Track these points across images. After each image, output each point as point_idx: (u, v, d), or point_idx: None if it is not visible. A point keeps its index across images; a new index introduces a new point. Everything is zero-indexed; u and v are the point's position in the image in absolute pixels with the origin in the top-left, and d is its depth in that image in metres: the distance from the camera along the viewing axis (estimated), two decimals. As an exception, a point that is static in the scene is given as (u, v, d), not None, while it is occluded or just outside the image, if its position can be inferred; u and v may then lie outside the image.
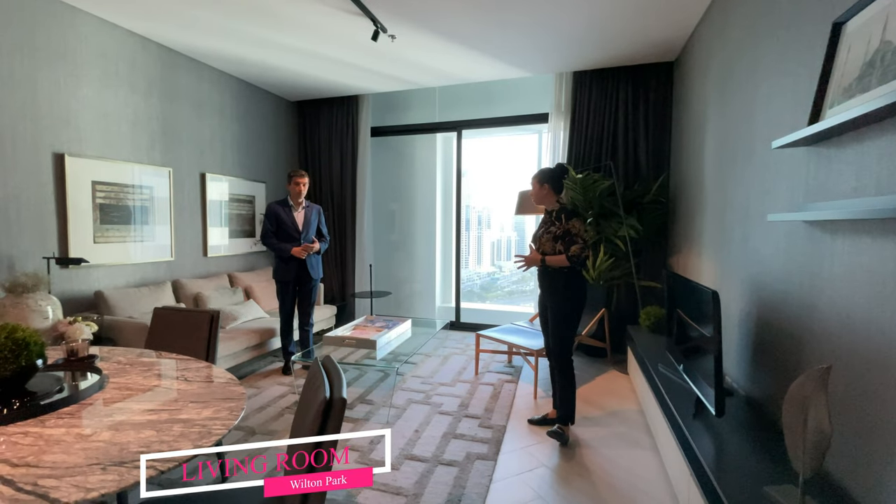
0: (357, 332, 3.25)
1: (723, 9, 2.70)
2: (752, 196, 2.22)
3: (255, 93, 4.57)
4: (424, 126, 4.97)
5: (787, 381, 1.79)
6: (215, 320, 2.07)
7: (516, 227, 6.72)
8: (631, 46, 3.63)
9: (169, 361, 1.78)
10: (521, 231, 6.65)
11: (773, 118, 2.01)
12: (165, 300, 3.40)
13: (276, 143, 4.89)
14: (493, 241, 6.73)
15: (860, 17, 1.35)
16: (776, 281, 1.93)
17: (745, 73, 2.33)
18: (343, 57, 3.82)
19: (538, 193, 2.54)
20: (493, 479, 2.15)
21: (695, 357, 2.17)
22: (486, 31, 3.33)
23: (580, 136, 4.17)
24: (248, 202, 4.50)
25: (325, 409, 1.07)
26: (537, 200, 2.57)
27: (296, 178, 3.42)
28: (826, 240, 1.57)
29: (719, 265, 2.65)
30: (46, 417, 1.24)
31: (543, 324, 2.64)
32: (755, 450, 1.68)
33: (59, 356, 1.69)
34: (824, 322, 1.56)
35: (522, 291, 6.43)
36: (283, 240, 3.42)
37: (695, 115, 3.26)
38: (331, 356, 1.44)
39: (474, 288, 6.23)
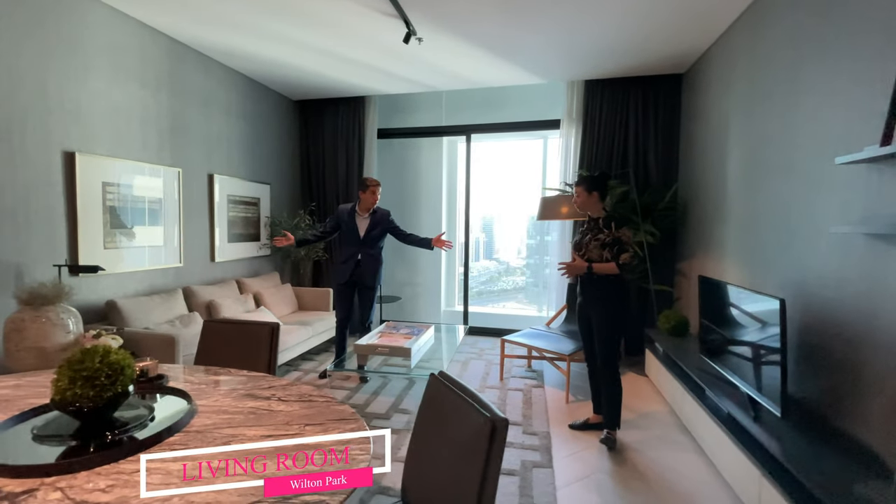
0: (385, 340, 3.17)
1: (751, 28, 2.83)
2: (792, 209, 2.34)
3: (259, 90, 4.38)
4: (433, 129, 4.94)
5: (844, 383, 1.91)
6: (275, 333, 1.97)
7: (485, 227, 6.77)
8: (644, 59, 3.76)
9: (241, 378, 1.67)
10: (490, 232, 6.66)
11: (819, 135, 2.13)
12: (178, 309, 3.20)
13: (279, 143, 4.72)
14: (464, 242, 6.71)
15: (942, 47, 1.46)
16: (826, 289, 2.04)
17: (782, 90, 2.45)
18: (359, 56, 3.73)
19: (587, 201, 2.55)
20: (556, 487, 2.16)
21: (746, 360, 2.26)
22: (513, 36, 3.35)
23: (592, 143, 4.27)
24: (254, 204, 4.30)
25: (490, 432, 1.04)
26: (584, 207, 2.59)
27: (372, 186, 3.40)
28: (891, 251, 1.68)
29: (749, 271, 2.77)
30: (157, 449, 1.13)
31: (585, 331, 2.68)
32: (824, 450, 1.77)
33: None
34: (889, 326, 1.66)
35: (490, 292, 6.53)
36: (345, 244, 3.51)
37: (713, 127, 3.41)
38: (444, 371, 1.40)
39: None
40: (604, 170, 2.88)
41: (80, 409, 1.16)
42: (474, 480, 1.03)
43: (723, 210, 3.21)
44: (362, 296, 3.55)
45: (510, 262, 6.64)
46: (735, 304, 2.39)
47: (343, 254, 3.50)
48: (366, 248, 3.45)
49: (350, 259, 3.45)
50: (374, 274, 3.49)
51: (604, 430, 2.55)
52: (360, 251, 3.45)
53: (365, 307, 3.56)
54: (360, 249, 3.45)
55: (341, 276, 3.49)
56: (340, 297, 3.54)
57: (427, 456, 1.26)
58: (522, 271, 6.39)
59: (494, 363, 3.94)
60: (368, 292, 3.52)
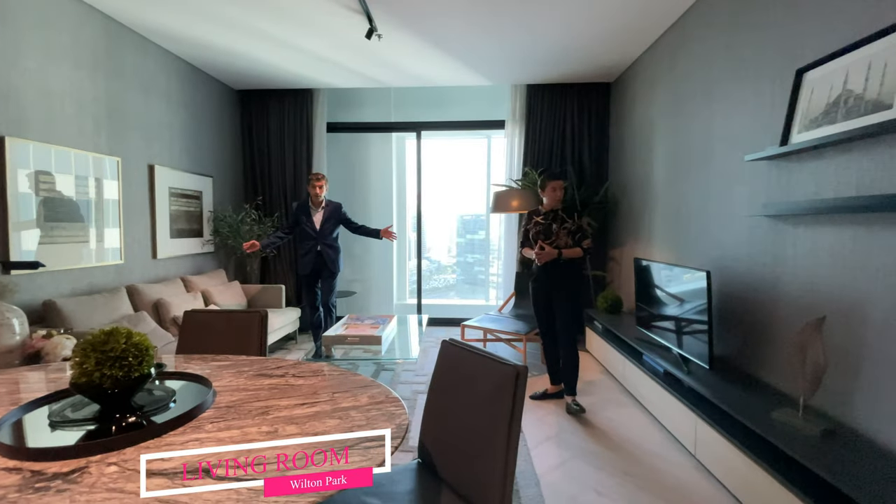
0: (352, 331, 3.23)
1: (673, 45, 3.30)
2: (710, 198, 2.81)
3: (200, 78, 4.15)
4: (384, 125, 5.00)
5: (757, 338, 2.37)
6: (265, 321, 1.98)
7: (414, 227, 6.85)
8: (579, 67, 4.17)
9: (244, 361, 1.69)
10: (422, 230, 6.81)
11: (731, 137, 2.59)
12: (123, 309, 2.98)
13: (221, 134, 4.49)
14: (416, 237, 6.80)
15: (821, 69, 1.90)
16: (739, 262, 2.50)
17: (701, 99, 2.92)
18: (312, 47, 3.70)
19: (561, 195, 2.84)
20: (529, 447, 2.41)
21: (678, 325, 2.68)
22: (469, 38, 3.55)
23: (534, 142, 4.63)
24: (196, 198, 4.08)
25: (515, 378, 1.23)
26: (558, 202, 2.86)
27: (313, 181, 3.66)
28: (788, 230, 2.13)
29: (676, 252, 3.25)
30: (198, 424, 1.15)
31: (544, 312, 2.97)
32: (745, 392, 2.19)
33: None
34: (789, 289, 2.12)
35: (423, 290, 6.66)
36: (304, 238, 3.71)
37: (640, 131, 3.90)
38: (454, 339, 1.56)
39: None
40: (549, 167, 3.20)
41: (105, 391, 1.15)
42: (504, 418, 1.21)
43: (650, 202, 3.69)
44: (325, 281, 3.80)
45: (441, 260, 6.84)
46: (668, 279, 2.81)
47: (303, 247, 3.72)
48: (322, 239, 3.70)
49: (310, 251, 3.69)
50: (334, 261, 3.76)
51: (567, 398, 2.87)
52: (318, 242, 3.69)
53: (328, 291, 3.82)
54: (318, 241, 3.69)
55: (304, 268, 3.73)
56: (307, 288, 3.82)
57: (449, 412, 1.41)
58: (453, 269, 6.62)
59: (452, 349, 4.13)
60: (331, 278, 3.79)
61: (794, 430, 1.75)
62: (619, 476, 2.13)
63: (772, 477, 1.66)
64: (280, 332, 3.99)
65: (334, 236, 3.76)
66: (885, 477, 1.43)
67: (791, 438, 1.69)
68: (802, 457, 1.57)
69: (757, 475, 1.75)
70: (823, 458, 1.54)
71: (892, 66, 1.56)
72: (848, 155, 1.80)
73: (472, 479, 1.27)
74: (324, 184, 3.67)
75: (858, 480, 1.41)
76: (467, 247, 6.26)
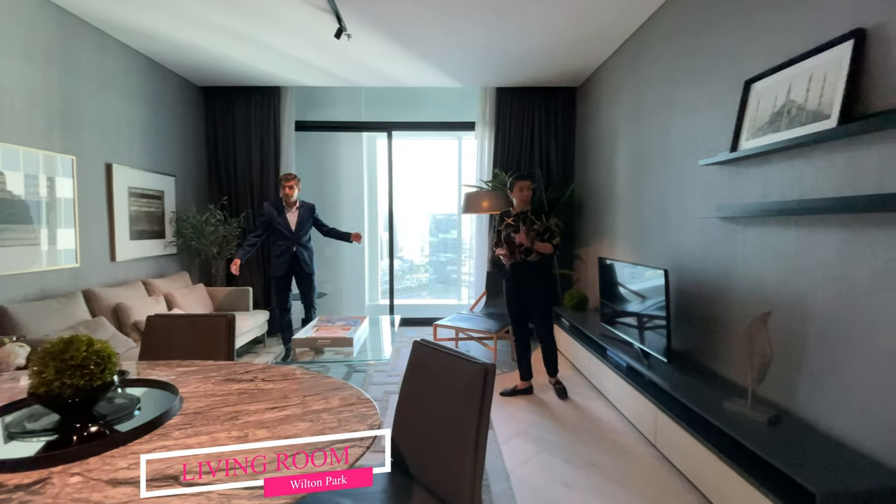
0: (323, 333, 3.20)
1: (635, 54, 3.44)
2: (668, 200, 2.95)
3: (162, 74, 4.01)
4: (354, 124, 4.96)
5: (711, 332, 2.51)
6: (232, 324, 1.95)
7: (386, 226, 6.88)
8: (546, 72, 4.27)
9: (211, 367, 1.66)
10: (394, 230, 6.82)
11: (687, 142, 2.73)
12: (80, 314, 2.85)
13: (184, 132, 4.35)
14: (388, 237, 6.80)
15: (767, 81, 2.04)
16: (695, 261, 2.64)
17: (659, 106, 3.06)
18: (280, 44, 3.63)
19: (528, 195, 2.97)
20: (500, 443, 2.46)
21: (637, 322, 2.80)
22: (439, 41, 3.58)
23: (503, 144, 4.71)
24: (158, 198, 3.93)
25: (484, 375, 1.27)
26: (526, 202, 3.01)
27: (284, 181, 3.65)
28: (738, 230, 2.27)
29: (638, 251, 3.38)
30: (165, 431, 1.14)
31: (519, 309, 3.07)
32: (700, 383, 2.32)
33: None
34: (740, 286, 2.26)
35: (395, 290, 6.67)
36: (278, 238, 3.70)
37: (604, 134, 4.03)
38: (425, 339, 1.59)
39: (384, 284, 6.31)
40: (518, 169, 3.30)
41: (66, 401, 1.12)
42: (473, 415, 1.24)
43: (614, 203, 3.83)
44: (303, 282, 3.82)
45: (414, 259, 6.85)
46: (629, 277, 2.93)
47: (277, 248, 3.71)
48: (297, 240, 3.72)
49: (285, 252, 3.69)
50: (310, 261, 3.79)
51: (551, 380, 3.16)
52: (294, 243, 3.71)
53: (308, 291, 3.85)
54: (294, 242, 3.70)
55: (278, 269, 3.71)
56: (279, 290, 3.80)
57: (420, 411, 1.44)
58: (426, 268, 6.65)
59: (424, 348, 4.16)
60: (309, 278, 3.82)
61: (743, 418, 1.88)
62: (586, 468, 2.22)
63: (724, 462, 1.78)
64: (248, 335, 3.91)
65: (308, 237, 3.80)
66: (824, 459, 1.56)
67: (740, 426, 1.81)
68: (751, 443, 1.68)
69: (710, 461, 1.87)
70: (770, 444, 1.66)
71: (830, 79, 1.69)
72: (791, 161, 1.94)
73: (443, 476, 1.30)
74: (295, 184, 3.67)
75: (801, 463, 1.53)
76: (440, 246, 6.29)
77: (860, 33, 1.60)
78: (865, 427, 1.60)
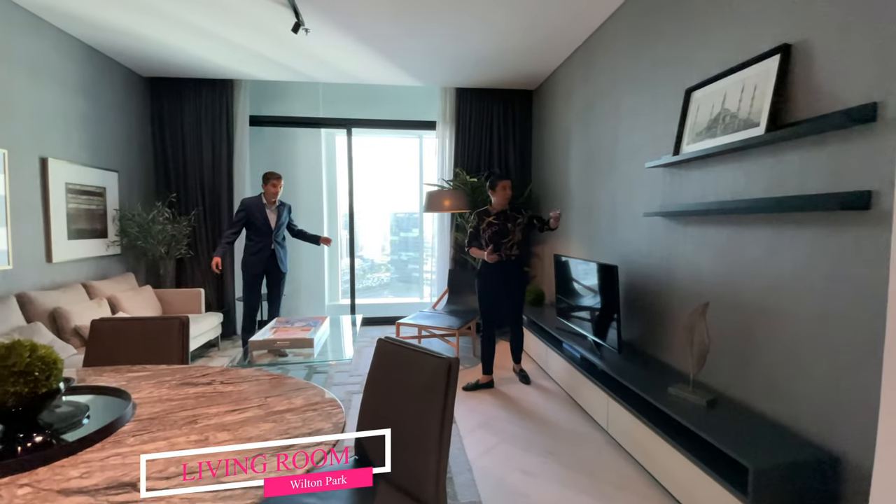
0: (282, 334, 3.14)
1: (586, 61, 3.59)
2: (617, 200, 3.11)
3: (103, 62, 3.76)
4: (313, 120, 4.86)
5: (655, 325, 2.68)
6: (185, 326, 1.89)
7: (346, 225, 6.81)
8: (504, 74, 4.38)
9: (164, 371, 1.61)
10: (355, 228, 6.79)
11: (634, 146, 2.89)
12: (14, 320, 2.65)
13: (128, 124, 4.11)
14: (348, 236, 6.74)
15: (705, 90, 2.20)
16: (642, 257, 2.81)
17: (609, 111, 3.22)
18: (233, 36, 3.50)
19: (510, 193, 3.15)
20: (462, 435, 2.53)
21: (590, 315, 2.94)
22: (400, 39, 3.58)
23: (464, 144, 4.78)
24: (99, 195, 3.70)
25: (447, 369, 1.31)
26: (507, 200, 3.15)
27: (273, 180, 3.66)
28: (680, 228, 2.44)
29: (589, 249, 3.54)
30: (119, 438, 1.10)
31: (492, 303, 3.18)
32: (647, 371, 2.48)
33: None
34: (681, 280, 2.43)
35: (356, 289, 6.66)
36: (257, 235, 3.66)
37: (558, 136, 4.18)
38: (390, 336, 1.61)
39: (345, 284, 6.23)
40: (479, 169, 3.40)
41: (9, 410, 1.06)
42: (437, 409, 1.29)
43: (567, 202, 3.98)
44: (277, 281, 3.82)
45: (374, 258, 6.81)
46: (582, 273, 3.07)
47: (254, 245, 3.67)
48: (276, 238, 3.73)
49: (263, 249, 3.67)
50: (284, 260, 3.82)
51: (516, 367, 3.37)
52: (273, 241, 3.71)
53: (279, 290, 3.85)
54: (272, 240, 3.70)
55: (254, 267, 3.68)
56: (252, 288, 3.73)
57: (385, 407, 1.46)
58: (387, 267, 6.65)
59: (386, 347, 4.16)
60: (283, 277, 3.83)
61: (685, 401, 2.03)
62: (543, 456, 2.32)
63: (669, 444, 1.92)
64: (201, 338, 3.76)
65: (283, 236, 3.83)
66: (758, 437, 1.72)
67: (683, 409, 1.96)
68: (693, 424, 1.83)
69: (658, 444, 2.01)
70: (710, 425, 1.81)
71: (759, 90, 1.86)
72: (725, 165, 2.11)
73: (409, 471, 1.33)
74: (280, 183, 3.72)
75: (738, 442, 1.68)
76: (401, 244, 6.29)
77: (786, 48, 1.77)
78: (790, 406, 1.77)
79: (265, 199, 3.69)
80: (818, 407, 1.65)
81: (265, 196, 3.70)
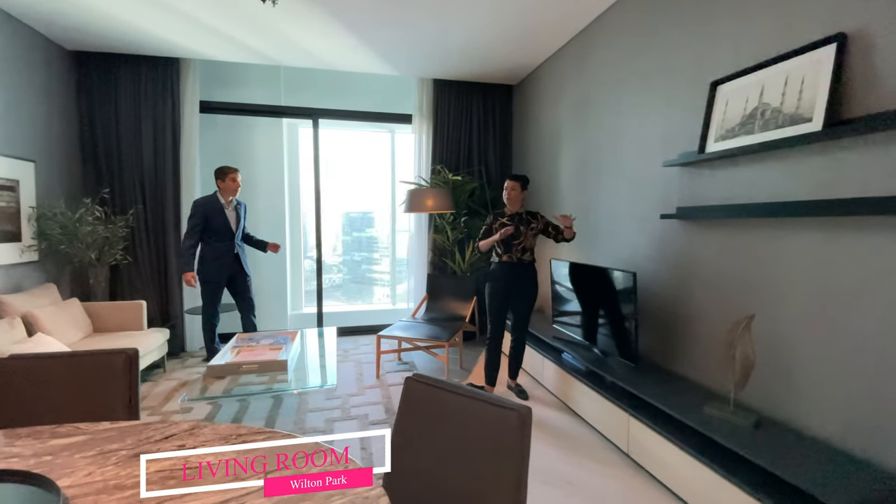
0: (246, 355, 2.67)
1: (580, 54, 3.38)
2: (619, 201, 2.92)
3: (16, 30, 3.08)
4: (274, 108, 4.33)
5: (669, 334, 2.50)
6: (134, 363, 1.44)
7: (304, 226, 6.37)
8: (485, 66, 4.10)
9: (107, 433, 1.17)
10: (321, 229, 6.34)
11: (642, 144, 2.70)
12: None
13: (47, 107, 3.42)
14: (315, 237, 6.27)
15: (735, 83, 2.03)
16: (652, 262, 2.63)
17: (609, 107, 3.02)
18: (179, 4, 2.97)
19: (518, 196, 2.90)
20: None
21: (598, 324, 2.73)
22: (374, 21, 3.20)
23: (442, 140, 4.46)
24: (10, 189, 3.02)
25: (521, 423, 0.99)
26: (513, 201, 2.91)
27: (231, 174, 3.35)
28: (701, 231, 2.27)
29: (585, 252, 3.34)
30: None
31: (502, 311, 2.90)
32: (671, 387, 2.28)
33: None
34: (701, 287, 2.25)
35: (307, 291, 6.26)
36: (218, 239, 3.34)
37: (545, 134, 3.96)
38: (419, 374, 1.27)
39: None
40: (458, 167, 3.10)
41: None
42: (511, 473, 0.97)
43: (558, 203, 3.78)
44: (244, 288, 3.50)
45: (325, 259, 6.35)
46: (590, 279, 2.85)
47: (214, 250, 3.34)
48: (236, 241, 3.43)
49: (225, 254, 3.37)
50: (246, 262, 3.54)
51: (512, 382, 3.11)
52: (235, 245, 3.42)
53: (248, 296, 3.52)
54: (234, 243, 3.41)
55: (217, 275, 3.36)
56: (213, 296, 3.40)
57: (426, 472, 1.11)
58: (339, 268, 6.24)
59: (364, 362, 3.76)
60: (247, 280, 3.52)
61: (727, 423, 1.84)
62: (563, 487, 2.06)
63: (715, 472, 1.71)
64: (145, 359, 3.18)
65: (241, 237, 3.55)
66: (818, 465, 1.54)
67: (726, 432, 1.76)
68: (743, 450, 1.63)
69: (699, 472, 1.80)
70: (763, 451, 1.62)
71: (809, 82, 1.69)
72: (761, 164, 1.94)
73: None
74: (238, 176, 3.42)
75: (806, 471, 1.49)
76: (353, 244, 5.88)
77: (842, 37, 1.61)
78: (855, 432, 1.62)
79: (223, 198, 3.36)
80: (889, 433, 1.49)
81: (222, 194, 3.36)
